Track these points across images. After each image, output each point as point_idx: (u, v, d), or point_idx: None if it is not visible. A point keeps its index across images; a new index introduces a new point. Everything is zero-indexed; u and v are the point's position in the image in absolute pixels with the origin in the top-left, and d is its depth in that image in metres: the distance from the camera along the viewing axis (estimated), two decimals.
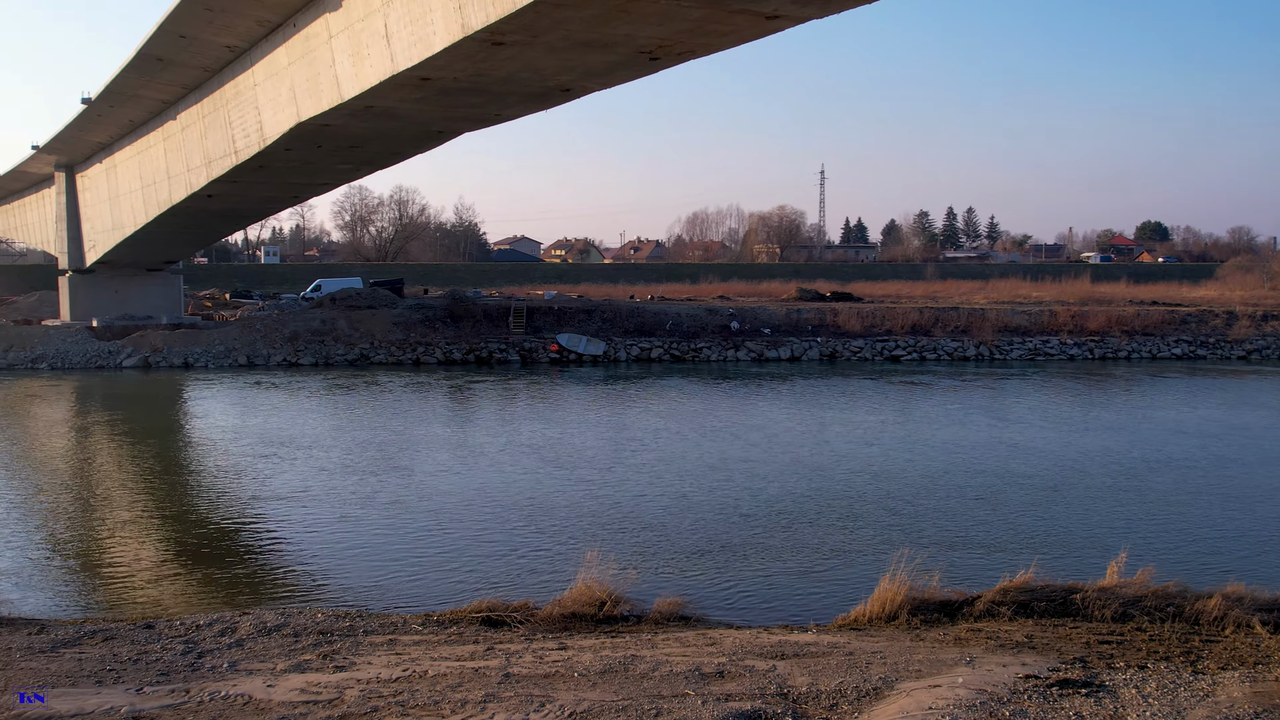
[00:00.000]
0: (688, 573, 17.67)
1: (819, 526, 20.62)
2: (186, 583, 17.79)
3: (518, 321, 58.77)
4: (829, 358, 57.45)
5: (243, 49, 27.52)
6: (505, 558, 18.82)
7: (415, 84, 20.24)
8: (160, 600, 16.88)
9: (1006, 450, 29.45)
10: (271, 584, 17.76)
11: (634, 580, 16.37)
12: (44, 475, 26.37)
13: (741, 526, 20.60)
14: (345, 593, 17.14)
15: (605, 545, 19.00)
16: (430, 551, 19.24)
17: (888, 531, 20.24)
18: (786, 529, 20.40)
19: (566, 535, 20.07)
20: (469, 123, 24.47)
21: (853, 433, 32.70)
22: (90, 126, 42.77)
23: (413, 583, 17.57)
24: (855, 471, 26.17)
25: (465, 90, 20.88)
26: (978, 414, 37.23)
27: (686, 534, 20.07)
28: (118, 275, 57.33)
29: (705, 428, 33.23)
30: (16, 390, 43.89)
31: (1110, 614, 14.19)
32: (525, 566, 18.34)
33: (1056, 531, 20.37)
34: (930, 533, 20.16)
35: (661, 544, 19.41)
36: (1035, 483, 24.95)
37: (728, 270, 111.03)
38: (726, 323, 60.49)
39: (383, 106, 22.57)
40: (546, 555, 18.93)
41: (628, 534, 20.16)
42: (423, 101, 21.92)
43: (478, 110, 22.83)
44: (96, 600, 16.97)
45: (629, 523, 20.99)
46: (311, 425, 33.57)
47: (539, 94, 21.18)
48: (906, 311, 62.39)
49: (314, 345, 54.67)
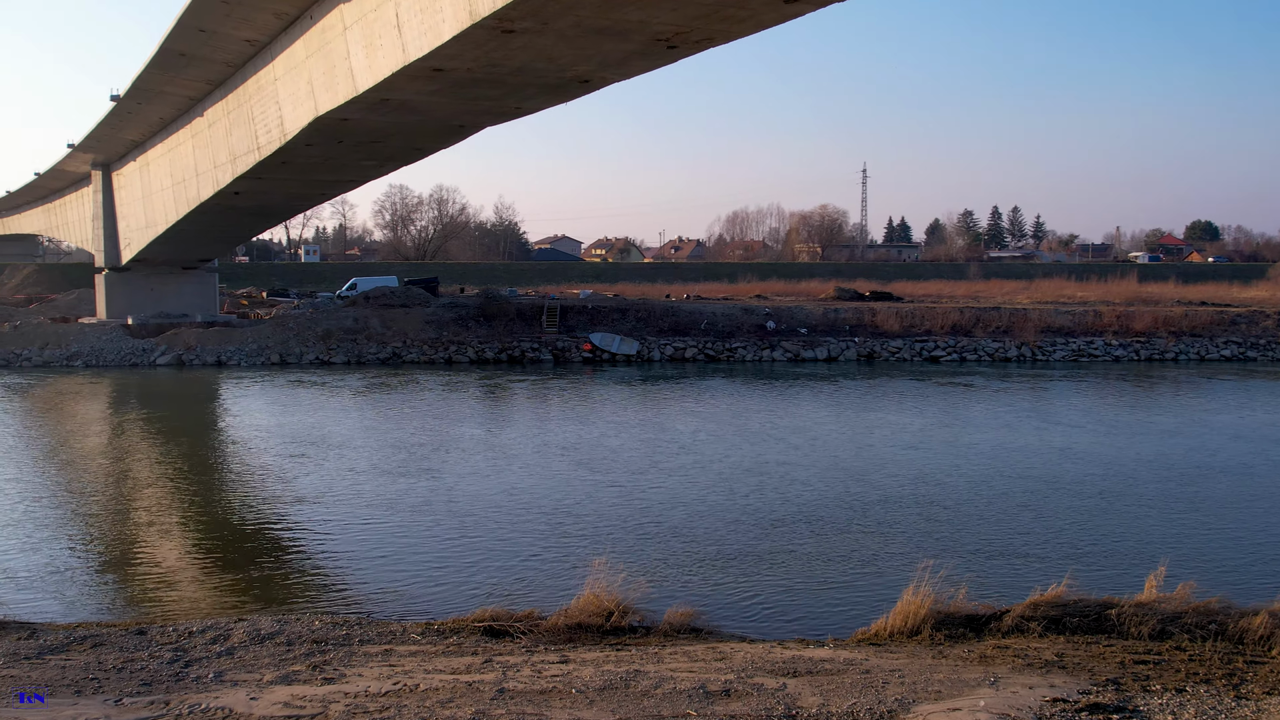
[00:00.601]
0: (706, 581, 16.99)
1: (849, 534, 19.85)
2: (198, 585, 17.39)
3: (551, 320, 58.29)
4: (866, 358, 56.44)
5: (263, 43, 27.20)
6: (524, 563, 18.25)
7: (428, 75, 19.71)
8: (167, 602, 16.48)
9: (1050, 454, 28.47)
10: (283, 587, 17.30)
11: (646, 589, 15.73)
12: (68, 473, 26.17)
13: (769, 533, 19.87)
14: (354, 597, 16.65)
15: (626, 552, 18.46)
16: (448, 556, 18.71)
17: (921, 539, 19.45)
18: (816, 536, 19.66)
19: (590, 540, 19.43)
20: (489, 116, 23.91)
21: (891, 435, 31.81)
22: (121, 124, 42.82)
23: (425, 588, 17.06)
24: (892, 476, 25.32)
25: (480, 82, 20.32)
26: (1020, 416, 36.20)
27: (711, 540, 19.39)
28: (153, 273, 57.53)
29: (739, 430, 32.51)
30: (50, 388, 44.03)
31: (1147, 631, 13.35)
32: (543, 572, 17.76)
33: (1095, 541, 19.46)
34: (964, 541, 19.35)
35: (684, 550, 18.74)
36: (1077, 489, 23.99)
37: (766, 269, 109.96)
38: (762, 322, 59.64)
39: (399, 99, 22.07)
40: (566, 561, 18.31)
41: (651, 540, 19.53)
42: (438, 94, 21.40)
43: (495, 103, 22.26)
44: (103, 601, 16.57)
45: (654, 528, 20.35)
46: (342, 424, 33.21)
47: (556, 85, 20.57)
48: (946, 311, 61.20)
49: (346, 344, 54.52)
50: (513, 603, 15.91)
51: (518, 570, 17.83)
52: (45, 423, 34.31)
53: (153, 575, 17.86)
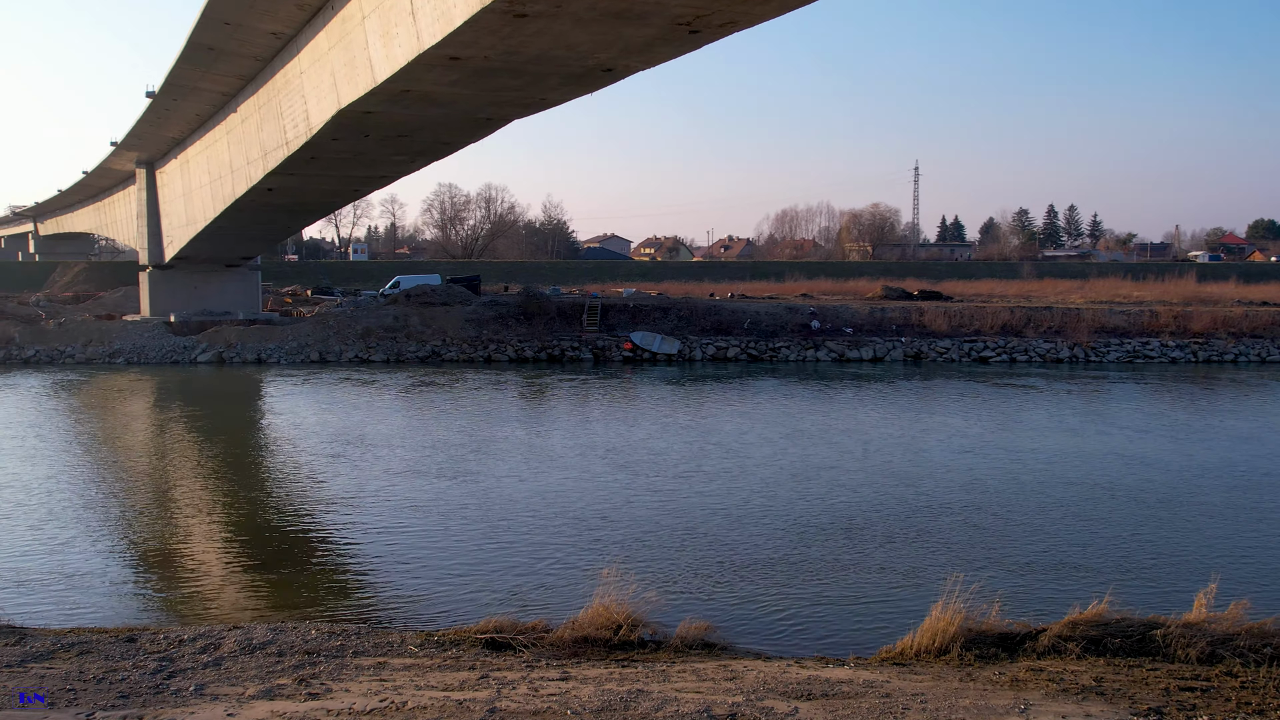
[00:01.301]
0: (730, 592, 16.17)
1: (889, 543, 18.89)
2: (213, 587, 16.84)
3: (591, 319, 57.67)
4: (913, 358, 55.16)
5: (289, 35, 26.81)
6: (547, 570, 17.46)
7: (445, 64, 19.09)
8: (175, 606, 15.95)
9: (1107, 460, 27.19)
10: (298, 591, 16.68)
11: (662, 600, 14.96)
12: (95, 471, 25.85)
13: (804, 542, 18.95)
14: (366, 603, 16.04)
15: (653, 560, 17.75)
16: (471, 562, 17.98)
17: (963, 550, 18.46)
18: (853, 546, 18.72)
19: (619, 547, 18.59)
20: (514, 108, 23.27)
21: (941, 439, 30.65)
22: (159, 121, 42.84)
23: (440, 594, 16.40)
24: (940, 482, 24.21)
25: (500, 71, 19.67)
26: (1076, 419, 34.90)
27: (743, 548, 18.54)
28: (196, 271, 57.73)
29: (785, 433, 31.50)
30: (88, 384, 44.18)
31: (1195, 654, 12.36)
32: (565, 580, 16.99)
33: (1146, 554, 18.33)
34: (1008, 552, 18.33)
35: (712, 559, 17.89)
36: (1133, 497, 22.78)
37: (815, 268, 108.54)
38: (807, 321, 58.58)
39: (420, 91, 21.51)
40: (590, 569, 17.32)
41: (680, 548, 18.72)
42: (458, 84, 20.78)
43: (519, 94, 21.60)
44: (111, 605, 15.99)
45: (686, 535, 19.49)
46: (377, 424, 32.69)
47: (579, 74, 19.87)
48: (997, 311, 59.71)
49: (386, 342, 54.28)
50: (528, 611, 15.24)
51: (540, 577, 17.09)
52: (78, 419, 34.22)
53: (168, 577, 17.36)
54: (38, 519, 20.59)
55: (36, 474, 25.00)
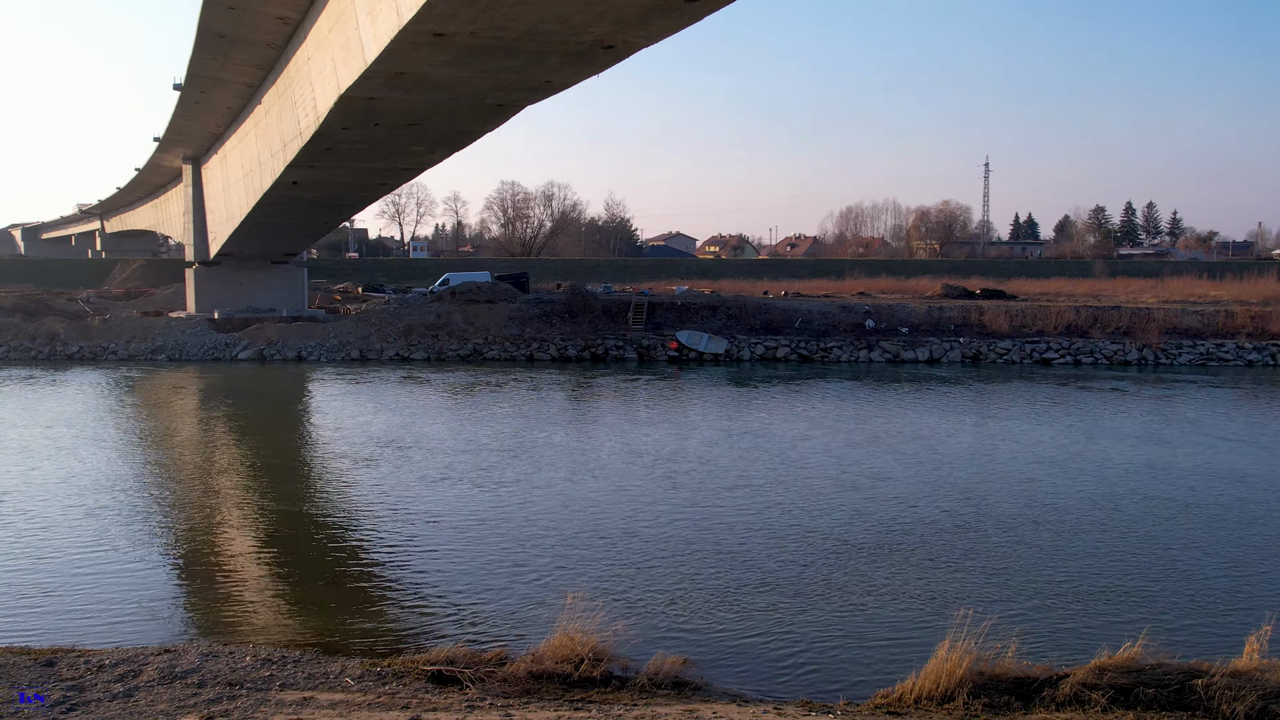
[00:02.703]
0: (720, 620, 14.55)
1: (909, 567, 17.05)
2: (192, 602, 15.59)
3: (637, 317, 56.22)
4: (972, 360, 52.83)
5: (295, 20, 25.77)
6: (543, 592, 15.75)
7: (431, 41, 17.77)
8: (141, 622, 14.60)
9: (1174, 473, 24.88)
10: (272, 607, 15.34)
11: (635, 630, 13.54)
12: (94, 473, 24.83)
13: (814, 563, 17.18)
14: (331, 623, 14.66)
15: (646, 581, 16.20)
16: (469, 580, 16.45)
17: (990, 575, 16.64)
18: (867, 569, 16.87)
19: (633, 569, 16.85)
20: (521, 92, 21.88)
21: (987, 447, 28.62)
22: (191, 115, 42.32)
23: (415, 615, 15.03)
24: (976, 496, 22.22)
25: (493, 50, 18.34)
26: (1145, 426, 32.67)
27: (745, 570, 16.85)
28: (241, 267, 57.43)
29: (822, 440, 29.75)
30: (124, 381, 43.80)
31: (1244, 710, 10.60)
32: (558, 602, 15.37)
33: (1197, 587, 16.20)
34: (1040, 578, 16.45)
35: (709, 582, 16.22)
36: (1202, 517, 20.50)
37: (876, 266, 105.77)
38: (861, 321, 56.51)
39: (416, 73, 20.24)
40: (599, 591, 15.89)
41: (680, 569, 17.14)
42: (453, 66, 19.47)
43: (520, 75, 20.24)
44: (69, 620, 14.79)
45: (689, 554, 17.87)
46: (410, 426, 31.30)
47: (578, 52, 18.44)
48: (1061, 310, 57.04)
49: (427, 339, 53.38)
50: (501, 638, 13.85)
51: (534, 599, 15.42)
52: (93, 417, 33.52)
53: (146, 590, 15.99)
54: (28, 526, 19.68)
55: (35, 476, 24.21)
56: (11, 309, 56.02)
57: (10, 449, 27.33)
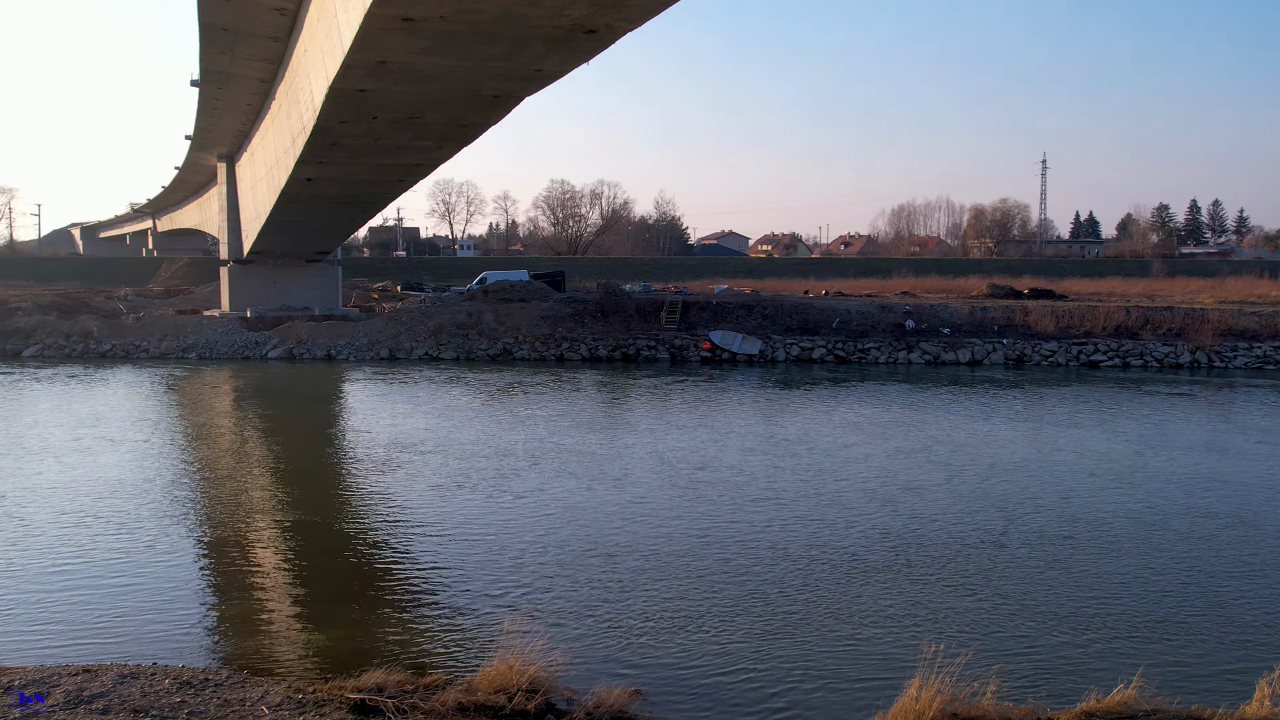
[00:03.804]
0: (683, 647, 13.43)
1: (904, 589, 15.80)
2: (157, 618, 14.64)
3: (670, 317, 55.19)
4: (1015, 362, 51.10)
5: (292, 10, 25.16)
6: (517, 613, 14.71)
7: (402, 27, 16.98)
8: (90, 640, 13.87)
9: (1218, 487, 23.06)
10: (228, 623, 14.48)
11: (587, 659, 12.54)
12: (93, 474, 24.32)
13: (809, 586, 15.81)
14: (279, 640, 13.82)
15: (617, 601, 15.15)
16: (442, 596, 15.42)
17: (992, 602, 15.27)
18: (863, 593, 15.55)
19: (618, 588, 15.83)
20: (515, 81, 20.99)
21: (1030, 457, 26.95)
22: (214, 112, 42.11)
23: (368, 635, 14.01)
24: (1006, 511, 20.67)
25: (470, 36, 17.53)
26: (1196, 433, 31.09)
27: (734, 594, 15.68)
28: (276, 266, 57.33)
29: (867, 451, 28.27)
30: (148, 379, 43.62)
31: None
32: (539, 625, 14.35)
33: (1216, 619, 14.61)
34: (1047, 608, 15.01)
35: (689, 608, 14.99)
36: (1234, 539, 18.71)
37: (926, 265, 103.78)
38: (901, 321, 54.97)
39: (399, 62, 19.45)
40: (567, 611, 15.01)
41: (655, 589, 16.10)
42: (433, 53, 18.67)
43: (508, 64, 19.39)
44: (31, 636, 14.13)
45: (686, 577, 16.66)
46: (431, 429, 30.33)
47: (560, 38, 17.56)
48: (1110, 311, 55.01)
49: (457, 339, 52.81)
50: (454, 663, 12.92)
51: (503, 620, 14.41)
52: (105, 419, 33.20)
53: (120, 603, 15.14)
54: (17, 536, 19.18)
55: (32, 479, 23.80)
56: (49, 307, 56.43)
57: (11, 450, 27.03)
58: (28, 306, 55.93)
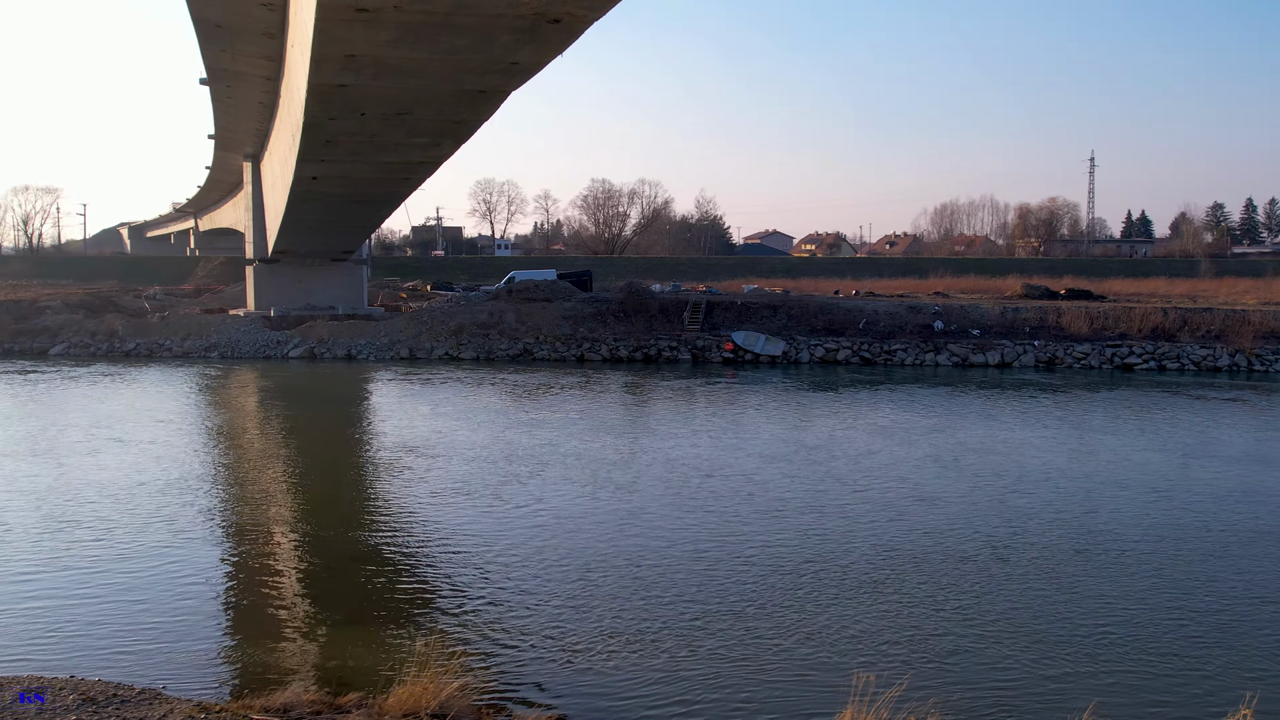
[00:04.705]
0: (622, 675, 12.75)
1: (885, 612, 15.04)
2: (114, 629, 14.35)
3: (694, 317, 54.43)
4: (1046, 364, 49.74)
5: (279, 4, 24.80)
6: (465, 628, 14.27)
7: (360, 18, 16.52)
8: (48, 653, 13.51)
9: (1251, 501, 21.81)
10: (167, 634, 13.97)
11: (508, 680, 11.91)
12: (90, 476, 24.09)
13: (786, 607, 15.08)
14: (211, 652, 13.30)
15: (574, 624, 14.47)
16: (396, 610, 14.87)
17: (965, 623, 14.47)
18: (834, 615, 14.77)
19: (573, 607, 15.20)
20: (494, 76, 20.44)
21: (1054, 465, 25.73)
22: (229, 111, 42.06)
23: (304, 650, 13.51)
24: (1020, 524, 19.78)
25: (433, 27, 17.07)
26: (1237, 441, 30.09)
27: (694, 615, 14.98)
28: (300, 265, 57.35)
29: (883, 460, 26.89)
30: (165, 378, 43.64)
31: None
32: (477, 641, 13.88)
33: (1200, 644, 13.79)
34: (1025, 630, 14.25)
35: (642, 627, 14.32)
36: (1256, 557, 17.65)
37: (966, 265, 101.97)
38: (929, 322, 53.78)
39: (368, 56, 19.00)
40: (514, 630, 14.43)
41: (637, 611, 15.42)
42: (400, 46, 18.19)
43: (481, 57, 18.88)
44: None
45: (653, 595, 16.07)
46: (441, 432, 29.74)
47: (525, 28, 17.02)
48: (1147, 313, 53.42)
49: (477, 339, 52.46)
50: (381, 682, 12.29)
51: (448, 635, 13.85)
52: (108, 415, 33.11)
53: (73, 612, 14.80)
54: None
55: (31, 481, 23.61)
56: (77, 305, 56.89)
57: (10, 451, 26.95)
58: (56, 305, 56.42)
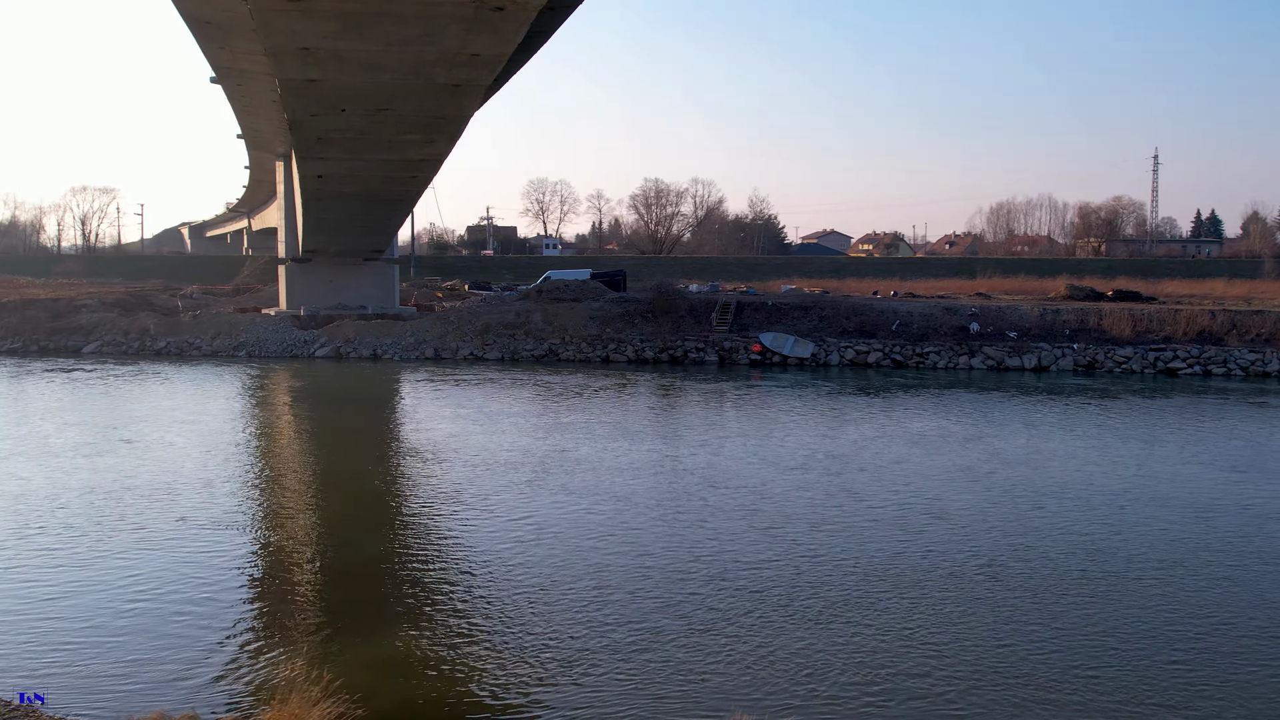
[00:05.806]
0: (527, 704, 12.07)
1: (849, 639, 14.24)
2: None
3: (722, 318, 53.51)
4: (1085, 368, 48.02)
5: None
6: (394, 648, 13.69)
7: (295, 8, 15.98)
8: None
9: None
10: (71, 651, 13.62)
11: (396, 706, 11.21)
12: (88, 478, 23.91)
13: (746, 634, 14.43)
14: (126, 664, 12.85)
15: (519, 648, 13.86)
16: (340, 624, 14.36)
17: (934, 654, 13.62)
18: (806, 640, 14.06)
19: (523, 630, 14.61)
20: (460, 69, 19.93)
21: (1087, 480, 24.38)
22: (247, 109, 42.10)
23: (220, 663, 13.05)
24: (1037, 544, 18.82)
25: (376, 16, 16.63)
26: None
27: (626, 646, 14.33)
28: (332, 264, 57.42)
29: (903, 472, 25.59)
30: (187, 377, 43.77)
31: None
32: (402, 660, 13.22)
33: (1182, 678, 12.87)
34: (1005, 661, 13.33)
35: (565, 655, 13.72)
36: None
37: (1017, 265, 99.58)
38: (965, 324, 52.30)
39: (322, 49, 18.59)
40: (452, 652, 13.79)
41: (580, 639, 14.72)
42: (350, 37, 17.78)
43: (436, 48, 18.41)
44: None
45: (608, 619, 15.39)
46: (455, 435, 29.33)
47: (470, 17, 16.55)
48: (1194, 315, 51.44)
49: (503, 339, 52.06)
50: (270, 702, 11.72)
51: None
52: (117, 414, 33.09)
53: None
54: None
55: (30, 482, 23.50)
56: (112, 304, 57.52)
57: (10, 451, 26.96)
58: (92, 304, 57.09)
